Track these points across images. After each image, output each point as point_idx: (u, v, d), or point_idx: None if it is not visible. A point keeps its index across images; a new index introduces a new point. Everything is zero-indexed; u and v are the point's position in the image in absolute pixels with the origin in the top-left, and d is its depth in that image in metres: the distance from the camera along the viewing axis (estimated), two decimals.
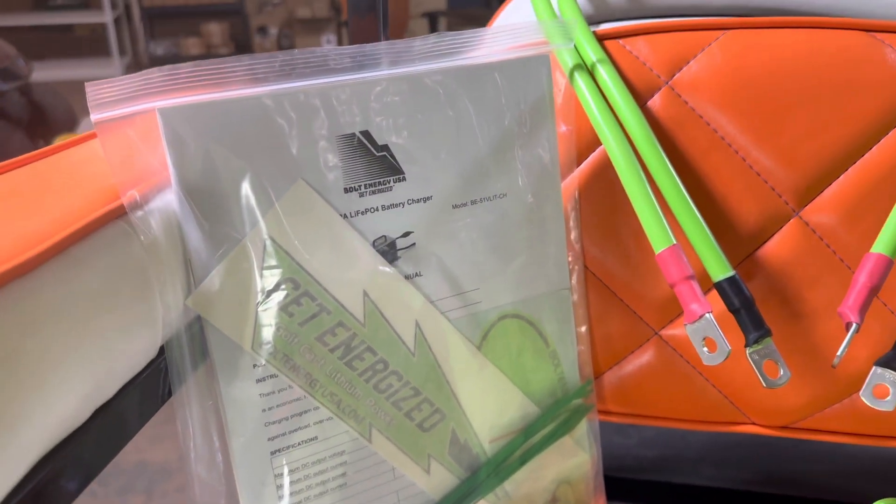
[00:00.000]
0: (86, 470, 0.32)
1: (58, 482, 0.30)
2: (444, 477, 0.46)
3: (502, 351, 0.47)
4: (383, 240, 0.42)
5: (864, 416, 0.49)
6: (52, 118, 2.95)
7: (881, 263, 0.40)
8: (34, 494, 0.28)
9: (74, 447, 0.31)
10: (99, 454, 0.33)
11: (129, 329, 0.33)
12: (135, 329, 0.34)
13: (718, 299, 0.43)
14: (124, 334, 0.33)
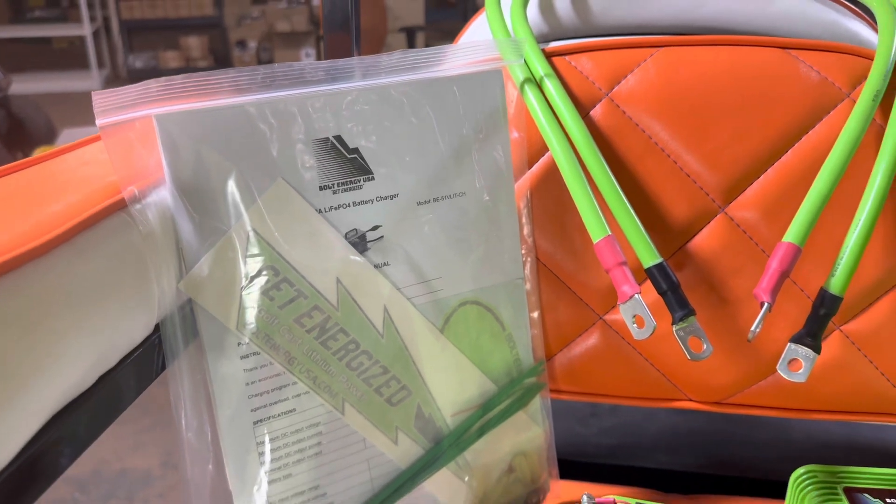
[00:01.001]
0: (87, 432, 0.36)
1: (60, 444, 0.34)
2: (411, 447, 0.51)
3: (463, 334, 0.52)
4: (354, 232, 0.47)
5: (786, 392, 0.55)
6: (30, 130, 2.98)
7: (790, 251, 0.46)
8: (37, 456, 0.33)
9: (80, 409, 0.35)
10: (100, 416, 0.37)
11: (129, 308, 0.38)
12: (134, 308, 0.38)
13: (653, 288, 0.49)
14: (125, 312, 0.38)
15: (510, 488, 0.56)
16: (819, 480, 0.52)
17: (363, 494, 0.50)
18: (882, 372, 0.53)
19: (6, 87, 3.36)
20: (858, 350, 0.53)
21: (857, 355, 0.53)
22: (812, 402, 0.55)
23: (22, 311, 0.31)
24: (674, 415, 0.91)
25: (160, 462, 1.72)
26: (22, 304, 0.31)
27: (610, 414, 0.92)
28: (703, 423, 0.88)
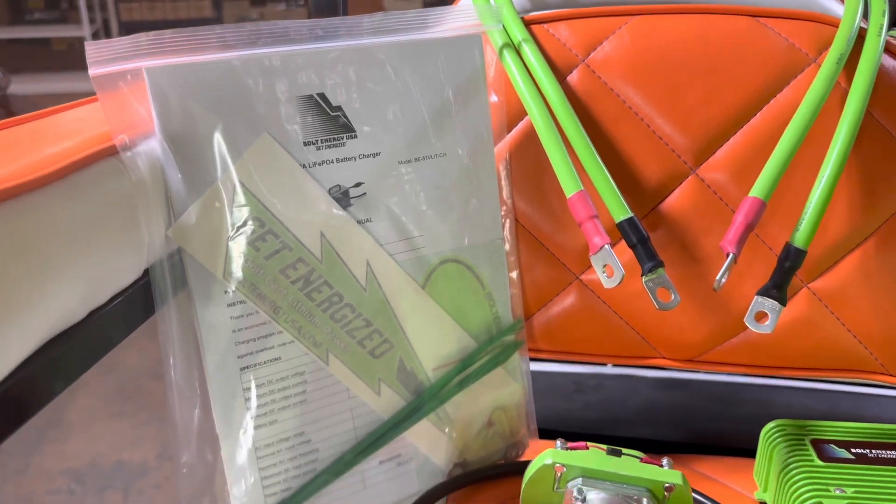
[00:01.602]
0: (78, 363, 0.38)
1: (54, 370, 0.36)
2: (393, 398, 0.53)
3: (443, 291, 0.54)
4: (338, 188, 0.49)
5: (756, 350, 0.57)
6: None
7: (755, 205, 0.48)
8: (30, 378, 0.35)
9: (72, 340, 0.37)
10: (90, 349, 0.39)
11: (119, 248, 0.40)
12: (123, 249, 0.40)
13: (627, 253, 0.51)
14: (114, 251, 0.40)
15: (490, 442, 0.58)
16: (788, 434, 0.54)
17: (347, 442, 0.52)
18: (849, 328, 0.55)
19: (5, 87, 3.39)
20: (825, 307, 0.55)
21: (824, 312, 0.55)
22: (781, 360, 0.57)
23: (16, 239, 0.33)
24: (655, 390, 0.92)
25: (156, 454, 1.73)
26: (16, 233, 0.33)
27: (594, 390, 0.94)
28: (684, 398, 0.90)
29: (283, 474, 0.50)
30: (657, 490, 0.48)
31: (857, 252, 0.53)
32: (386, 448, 0.53)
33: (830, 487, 0.48)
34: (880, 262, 0.53)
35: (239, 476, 0.49)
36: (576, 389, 0.95)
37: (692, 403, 0.91)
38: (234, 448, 0.48)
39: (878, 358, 0.56)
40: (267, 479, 0.49)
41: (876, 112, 0.52)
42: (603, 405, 0.90)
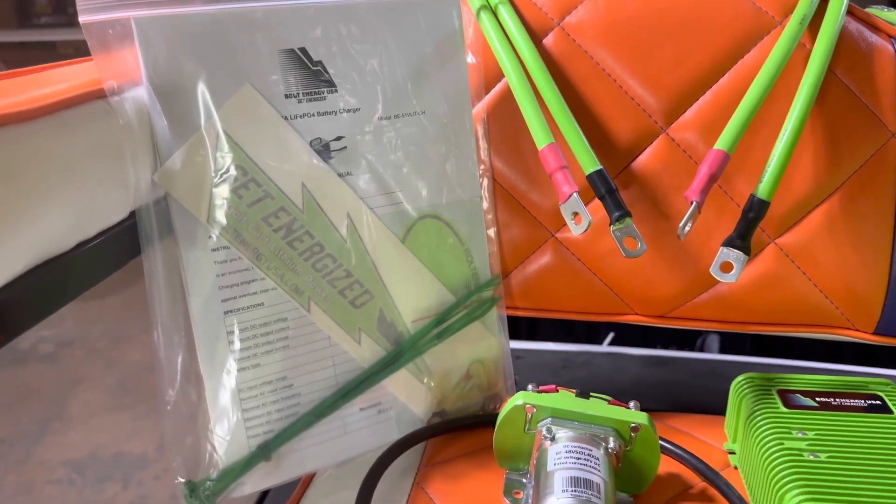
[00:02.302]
0: (64, 290, 0.40)
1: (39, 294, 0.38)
2: (373, 348, 0.55)
3: (423, 245, 0.56)
4: (318, 141, 0.51)
5: (725, 305, 0.59)
6: None
7: (719, 157, 0.50)
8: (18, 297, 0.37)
9: (59, 267, 0.40)
10: (77, 279, 0.41)
11: (106, 183, 0.42)
12: (110, 185, 0.42)
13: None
14: (101, 187, 0.42)
15: (468, 394, 0.59)
16: (756, 385, 0.56)
17: (328, 388, 0.54)
18: (815, 283, 0.57)
19: None
20: (792, 262, 0.56)
21: (790, 267, 0.56)
22: (750, 315, 0.59)
23: (7, 163, 0.35)
24: (642, 366, 0.94)
25: (156, 446, 1.75)
26: (8, 158, 0.35)
27: (582, 366, 0.96)
28: (669, 374, 0.92)
29: (266, 416, 0.52)
30: (623, 430, 0.49)
31: (822, 208, 0.55)
32: (366, 395, 0.55)
33: (793, 431, 0.50)
34: (845, 217, 0.55)
35: (222, 416, 0.50)
36: (563, 365, 0.97)
37: (678, 379, 0.93)
38: (217, 389, 0.50)
39: (843, 312, 0.57)
40: (250, 420, 0.51)
41: (839, 72, 0.54)
42: (590, 381, 0.92)
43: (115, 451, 1.74)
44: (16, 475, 1.66)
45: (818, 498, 0.43)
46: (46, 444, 1.75)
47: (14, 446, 1.73)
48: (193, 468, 0.50)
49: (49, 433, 1.78)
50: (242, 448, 0.51)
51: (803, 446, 0.49)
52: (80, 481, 1.66)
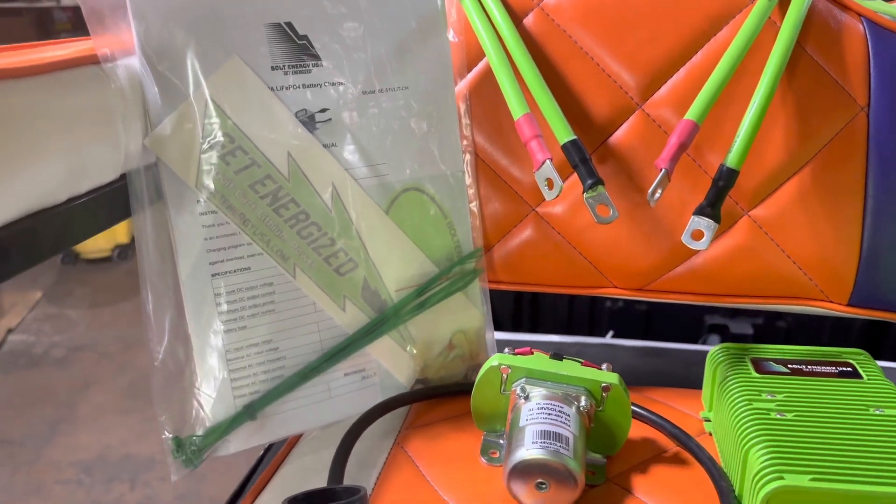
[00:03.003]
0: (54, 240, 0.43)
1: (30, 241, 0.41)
2: (357, 315, 0.57)
3: (406, 217, 0.58)
4: (304, 112, 0.53)
5: (701, 278, 0.60)
6: None
7: (688, 126, 0.52)
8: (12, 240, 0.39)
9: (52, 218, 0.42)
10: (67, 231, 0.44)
11: (97, 143, 0.45)
12: (101, 145, 0.45)
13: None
14: (93, 145, 0.44)
15: (451, 363, 0.61)
16: (731, 354, 0.57)
17: (313, 353, 0.56)
18: (788, 254, 0.58)
19: None
20: (765, 234, 0.58)
21: (764, 239, 0.58)
22: (725, 287, 0.60)
23: (5, 113, 0.37)
24: (636, 356, 0.96)
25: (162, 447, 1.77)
26: (5, 107, 0.38)
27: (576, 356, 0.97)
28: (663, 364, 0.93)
29: (252, 377, 0.54)
30: (595, 390, 0.51)
31: (793, 180, 0.57)
32: (350, 361, 0.57)
33: (763, 394, 0.51)
34: (816, 189, 0.56)
35: (209, 375, 0.52)
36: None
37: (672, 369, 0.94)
38: (204, 349, 0.52)
39: (817, 284, 0.59)
40: (236, 380, 0.53)
41: (809, 48, 0.55)
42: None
43: (123, 453, 1.76)
44: (25, 475, 1.69)
45: (781, 453, 0.44)
46: (56, 444, 1.77)
47: (25, 447, 1.76)
48: (180, 424, 0.52)
49: (59, 434, 1.81)
50: (229, 407, 0.53)
51: (771, 407, 0.50)
52: (87, 481, 1.68)
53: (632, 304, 1.26)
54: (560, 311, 1.40)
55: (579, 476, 0.46)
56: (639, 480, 0.51)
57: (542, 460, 0.46)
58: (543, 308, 1.40)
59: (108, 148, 0.46)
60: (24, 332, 2.38)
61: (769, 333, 1.21)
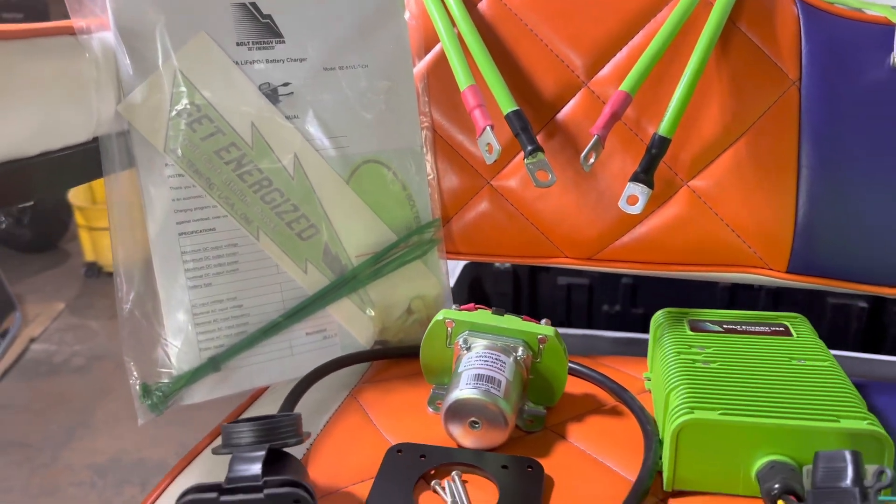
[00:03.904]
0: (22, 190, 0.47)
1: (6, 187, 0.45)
2: (318, 277, 0.61)
3: (366, 188, 0.62)
4: (267, 85, 0.58)
5: (645, 247, 0.63)
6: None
7: (620, 97, 0.55)
8: None
9: (25, 168, 0.47)
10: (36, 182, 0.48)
11: (69, 105, 0.49)
12: (73, 107, 0.50)
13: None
14: (65, 106, 0.49)
15: (410, 327, 0.65)
16: (672, 316, 0.60)
17: (275, 311, 0.60)
18: (727, 223, 0.61)
19: None
20: (704, 203, 0.61)
21: (703, 208, 0.61)
22: (668, 256, 0.63)
23: None
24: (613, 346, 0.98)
25: (174, 452, 1.82)
26: None
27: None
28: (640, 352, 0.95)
29: (216, 332, 0.58)
30: (532, 341, 0.54)
31: (729, 151, 0.60)
32: (312, 321, 0.61)
33: (694, 347, 0.54)
34: (751, 160, 0.59)
35: (176, 328, 0.56)
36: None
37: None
38: (172, 303, 0.56)
39: (756, 252, 0.61)
40: (202, 334, 0.57)
41: (743, 25, 0.59)
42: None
43: (136, 457, 1.81)
44: (41, 477, 1.74)
45: (696, 393, 0.47)
46: (72, 448, 1.82)
47: (42, 451, 1.81)
48: (148, 372, 0.56)
49: (75, 439, 1.86)
50: (194, 358, 0.57)
51: (699, 357, 0.53)
52: (100, 484, 1.73)
53: (628, 311, 1.29)
54: (559, 305, 1.44)
55: (509, 416, 0.49)
56: (574, 428, 0.54)
57: (473, 399, 0.49)
58: (542, 295, 1.45)
59: (80, 111, 0.50)
60: (47, 342, 2.45)
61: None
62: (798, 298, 1.43)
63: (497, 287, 1.53)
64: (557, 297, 1.52)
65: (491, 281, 1.52)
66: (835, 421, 0.44)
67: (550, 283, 1.53)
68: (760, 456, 0.44)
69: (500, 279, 1.53)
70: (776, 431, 0.44)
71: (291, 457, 0.43)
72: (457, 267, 1.53)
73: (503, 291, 1.54)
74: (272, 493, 0.36)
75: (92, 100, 0.51)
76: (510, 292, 1.54)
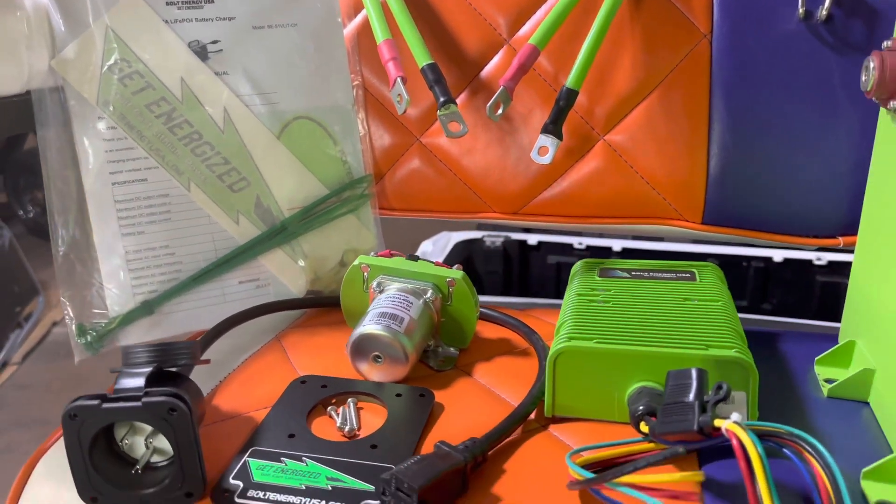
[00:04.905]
0: None
1: None
2: (250, 229, 0.64)
3: (298, 143, 0.65)
4: (196, 43, 0.61)
5: (567, 200, 0.65)
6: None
7: (528, 49, 0.57)
8: None
9: None
10: None
11: (1, 59, 0.53)
12: (5, 61, 0.53)
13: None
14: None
15: (342, 279, 0.67)
16: (587, 265, 0.62)
17: (207, 260, 0.63)
18: (642, 176, 0.63)
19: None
20: (620, 157, 0.63)
21: (619, 162, 0.63)
22: (589, 209, 0.65)
23: None
24: None
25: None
26: None
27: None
28: None
29: (150, 278, 0.61)
30: (441, 285, 0.57)
31: (642, 105, 0.62)
32: (245, 270, 0.64)
33: (597, 290, 0.56)
34: (663, 113, 0.61)
35: (111, 272, 0.60)
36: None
37: None
38: (106, 248, 0.60)
39: (671, 203, 0.63)
40: (135, 279, 0.61)
41: None
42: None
43: None
44: None
45: (580, 325, 0.49)
46: None
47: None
48: (83, 313, 0.59)
49: None
50: (127, 302, 0.60)
51: (598, 298, 0.55)
52: None
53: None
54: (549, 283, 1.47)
55: (409, 351, 0.52)
56: (482, 367, 0.56)
57: (374, 334, 0.52)
58: (532, 274, 1.47)
59: (11, 65, 0.54)
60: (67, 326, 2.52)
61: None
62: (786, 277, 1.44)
63: (488, 266, 1.56)
64: (547, 275, 1.54)
65: (481, 259, 1.55)
66: (704, 349, 0.46)
67: (540, 262, 1.56)
68: (633, 383, 0.46)
69: (490, 258, 1.56)
70: (647, 358, 0.46)
71: (188, 380, 0.46)
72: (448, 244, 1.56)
73: (493, 270, 1.57)
74: (149, 402, 0.39)
75: (23, 55, 0.54)
76: (500, 271, 1.57)
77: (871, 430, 0.48)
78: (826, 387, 0.52)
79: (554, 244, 1.50)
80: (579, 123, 0.63)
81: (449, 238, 1.52)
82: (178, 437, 0.40)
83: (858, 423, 0.49)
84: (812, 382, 0.53)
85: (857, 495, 0.41)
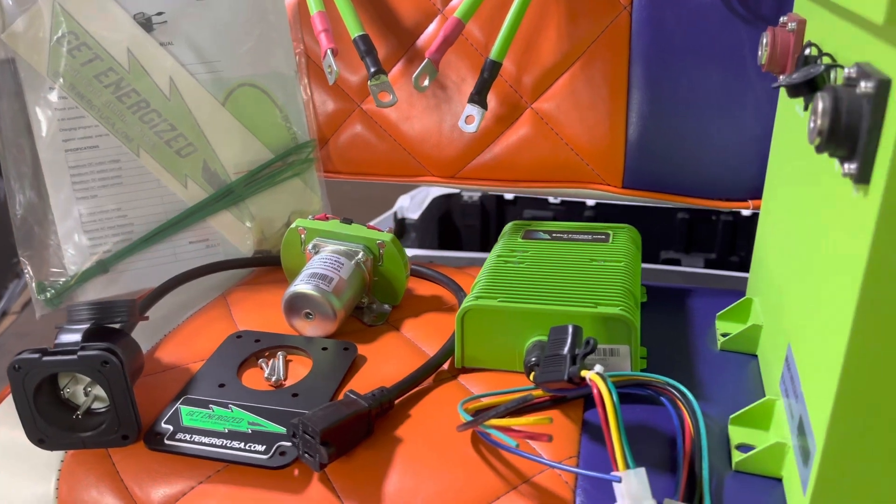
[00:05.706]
0: None
1: None
2: (198, 192, 0.68)
3: (242, 109, 0.69)
4: (142, 15, 0.64)
5: (498, 165, 0.69)
6: None
7: (453, 22, 0.61)
8: None
9: None
10: None
11: None
12: None
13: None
14: None
15: None
16: (513, 229, 0.66)
17: (158, 222, 0.67)
18: (566, 142, 0.67)
19: None
20: (546, 124, 0.66)
21: (545, 129, 0.67)
22: (520, 174, 0.69)
23: None
24: None
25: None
26: None
27: None
28: None
29: (104, 239, 0.65)
30: (372, 246, 0.61)
31: (566, 75, 0.65)
32: (195, 231, 0.68)
33: (516, 251, 0.60)
34: (585, 82, 0.64)
35: (67, 235, 0.64)
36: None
37: None
38: (61, 211, 0.64)
39: (593, 168, 0.67)
40: (90, 240, 0.65)
41: None
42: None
43: None
44: None
45: (489, 286, 0.54)
46: None
47: None
48: (42, 272, 0.64)
49: None
50: (84, 261, 0.65)
51: (514, 257, 0.59)
52: None
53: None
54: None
55: (338, 309, 0.57)
56: (410, 322, 0.61)
57: (304, 293, 0.56)
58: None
59: None
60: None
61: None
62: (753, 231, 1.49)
63: (465, 220, 1.59)
64: None
65: (459, 213, 1.58)
66: (593, 307, 0.50)
67: (517, 216, 1.60)
68: (530, 337, 0.51)
69: (468, 212, 1.59)
70: (541, 315, 0.50)
71: (126, 335, 0.50)
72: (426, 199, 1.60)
73: (471, 224, 1.60)
74: (83, 355, 0.44)
75: None
76: (478, 224, 1.60)
77: (753, 381, 0.53)
78: (721, 340, 0.57)
79: (530, 199, 1.54)
80: (509, 92, 0.67)
81: (427, 193, 1.55)
82: (112, 387, 0.45)
83: (744, 374, 0.54)
84: (711, 336, 0.58)
85: (725, 439, 0.47)
